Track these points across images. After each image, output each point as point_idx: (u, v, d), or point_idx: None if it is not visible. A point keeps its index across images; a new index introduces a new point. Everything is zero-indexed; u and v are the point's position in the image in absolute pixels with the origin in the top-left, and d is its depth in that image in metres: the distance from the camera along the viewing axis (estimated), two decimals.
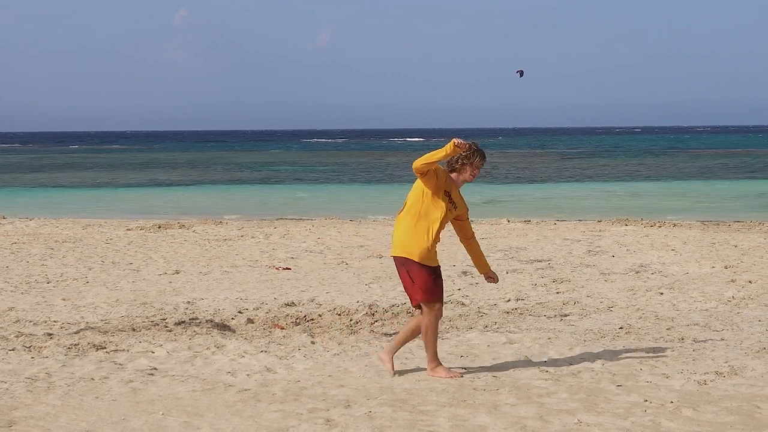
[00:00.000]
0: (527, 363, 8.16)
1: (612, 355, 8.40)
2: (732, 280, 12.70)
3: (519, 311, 10.73)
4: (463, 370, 7.84)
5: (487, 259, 7.97)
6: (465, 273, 13.76)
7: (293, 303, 11.37)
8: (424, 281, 7.49)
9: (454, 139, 7.35)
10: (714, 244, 16.91)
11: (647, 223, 21.20)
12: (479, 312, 10.68)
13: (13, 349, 8.76)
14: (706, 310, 10.68)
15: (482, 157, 7.60)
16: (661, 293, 11.82)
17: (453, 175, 7.61)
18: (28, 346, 8.89)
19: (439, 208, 7.48)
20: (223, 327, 9.84)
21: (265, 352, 8.66)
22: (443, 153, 7.34)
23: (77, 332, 9.55)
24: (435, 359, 7.71)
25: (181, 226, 21.21)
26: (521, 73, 8.50)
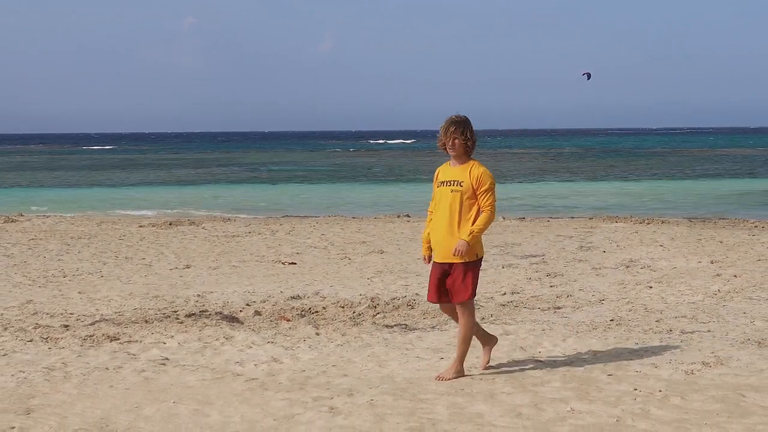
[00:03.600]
0: (522, 353, 8.16)
1: (603, 345, 8.39)
2: (718, 275, 12.69)
3: (514, 304, 10.72)
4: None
5: (469, 236, 7.05)
6: None
7: (298, 296, 11.36)
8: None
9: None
10: (700, 240, 16.90)
11: (636, 220, 21.20)
12: (476, 305, 10.67)
13: (31, 340, 8.76)
14: (693, 303, 10.68)
15: (443, 130, 7.16)
16: (650, 287, 11.81)
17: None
18: (45, 337, 8.90)
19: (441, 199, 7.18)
20: (232, 319, 9.84)
21: (272, 343, 8.66)
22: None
23: (92, 324, 9.55)
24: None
25: (191, 223, 21.21)
26: (588, 76, 8.36)
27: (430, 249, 7.35)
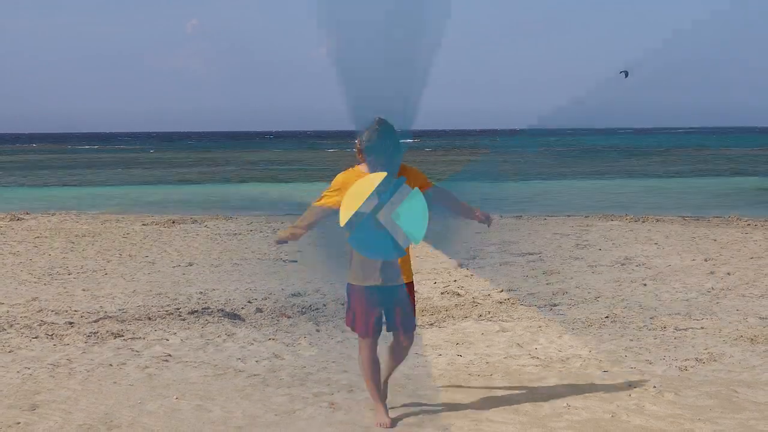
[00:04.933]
0: (519, 350, 8.16)
1: (599, 342, 8.40)
2: (711, 272, 12.70)
3: (511, 301, 10.73)
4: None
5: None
6: (460, 265, 13.76)
7: (299, 293, 11.37)
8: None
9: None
10: (694, 238, 16.91)
11: (632, 218, 21.19)
12: (474, 302, 10.69)
13: (36, 337, 8.77)
14: (687, 300, 10.69)
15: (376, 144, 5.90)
16: (645, 284, 11.82)
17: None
18: (50, 334, 8.90)
19: None
20: (234, 316, 9.85)
21: (273, 339, 8.67)
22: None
23: (96, 321, 9.56)
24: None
25: (194, 221, 21.21)
26: (626, 74, 8.32)
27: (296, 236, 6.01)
